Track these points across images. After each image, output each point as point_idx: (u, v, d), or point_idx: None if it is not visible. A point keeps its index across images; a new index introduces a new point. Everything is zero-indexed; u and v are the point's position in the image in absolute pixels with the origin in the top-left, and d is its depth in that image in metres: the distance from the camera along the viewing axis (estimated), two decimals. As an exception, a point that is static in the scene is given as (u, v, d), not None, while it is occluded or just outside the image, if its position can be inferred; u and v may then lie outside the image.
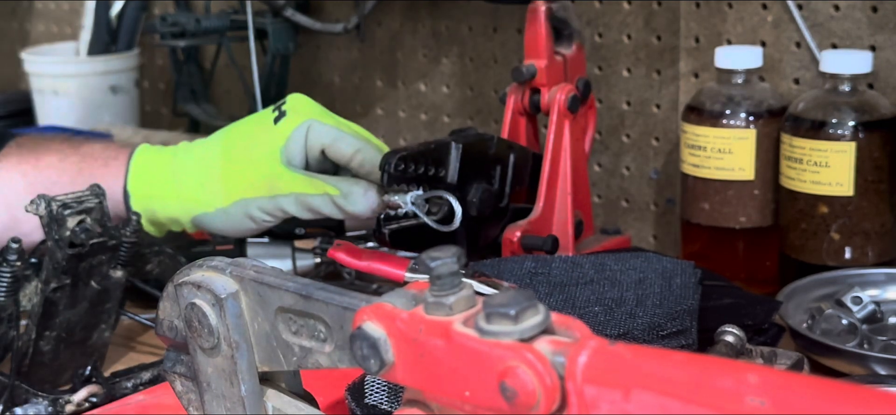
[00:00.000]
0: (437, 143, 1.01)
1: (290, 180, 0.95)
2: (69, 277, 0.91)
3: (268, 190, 0.96)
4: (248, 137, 0.98)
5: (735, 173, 1.15)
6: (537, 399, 0.50)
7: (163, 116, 1.83)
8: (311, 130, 0.97)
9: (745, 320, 0.93)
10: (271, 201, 0.96)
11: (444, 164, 1.00)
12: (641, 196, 1.35)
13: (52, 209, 0.88)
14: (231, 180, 0.97)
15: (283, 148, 0.96)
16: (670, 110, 1.31)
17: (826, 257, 1.11)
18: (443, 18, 1.48)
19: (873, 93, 1.13)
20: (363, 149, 0.97)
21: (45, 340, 0.92)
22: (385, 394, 0.79)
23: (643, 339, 0.83)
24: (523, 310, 0.52)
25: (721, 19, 1.25)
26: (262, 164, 0.96)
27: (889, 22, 1.16)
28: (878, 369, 0.92)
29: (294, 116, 0.97)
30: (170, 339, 0.69)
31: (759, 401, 0.45)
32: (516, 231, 1.06)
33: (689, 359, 0.48)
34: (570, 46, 1.14)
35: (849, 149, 1.08)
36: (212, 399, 0.67)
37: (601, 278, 0.92)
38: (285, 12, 1.48)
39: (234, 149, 0.98)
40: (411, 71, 1.52)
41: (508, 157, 1.07)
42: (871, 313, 1.01)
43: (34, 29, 1.99)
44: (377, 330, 0.56)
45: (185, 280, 0.66)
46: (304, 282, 0.63)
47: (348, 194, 0.95)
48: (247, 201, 0.96)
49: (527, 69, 1.11)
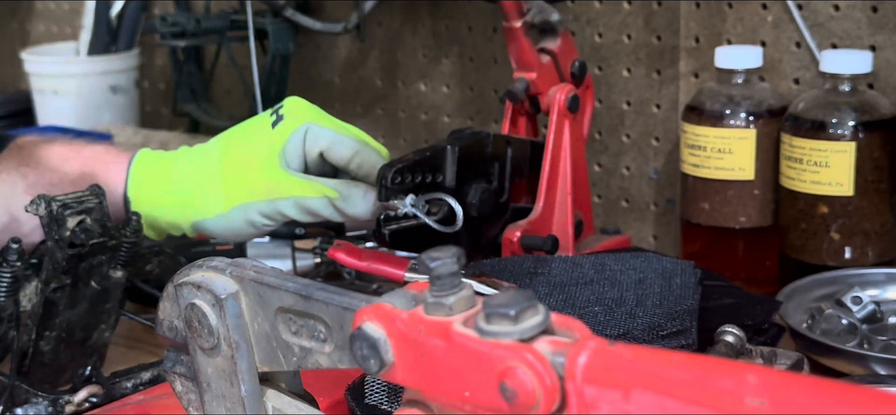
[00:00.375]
0: (432, 148, 1.01)
1: (289, 184, 0.95)
2: (69, 278, 0.91)
3: (266, 194, 0.96)
4: (246, 142, 0.98)
5: (735, 173, 1.15)
6: (537, 400, 0.50)
7: (163, 116, 1.83)
8: (309, 133, 0.97)
9: (745, 319, 0.93)
10: (270, 205, 0.96)
11: (441, 169, 1.00)
12: (641, 196, 1.35)
13: (52, 209, 0.88)
14: (230, 186, 0.97)
15: (282, 152, 0.96)
16: (670, 110, 1.31)
17: (826, 257, 1.11)
18: (443, 18, 1.48)
19: (873, 93, 1.13)
20: (361, 151, 0.97)
21: (45, 340, 0.92)
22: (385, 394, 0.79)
23: (643, 339, 0.83)
24: (523, 310, 0.52)
25: (721, 19, 1.25)
26: (261, 168, 0.96)
27: (889, 22, 1.16)
28: (878, 369, 0.92)
29: (291, 119, 0.97)
30: (170, 339, 0.69)
31: (759, 401, 0.45)
32: (516, 231, 1.06)
33: (688, 359, 0.48)
34: (555, 39, 1.14)
35: (849, 149, 1.08)
36: (212, 399, 0.67)
37: (601, 278, 0.92)
38: (285, 12, 1.48)
39: (232, 154, 0.98)
40: (411, 71, 1.52)
41: (506, 152, 1.07)
42: (871, 313, 1.01)
43: (34, 29, 2.00)
44: (377, 330, 0.56)
45: (185, 280, 0.66)
46: (304, 282, 0.63)
47: (347, 197, 0.95)
48: (246, 206, 0.96)
49: (520, 85, 1.11)
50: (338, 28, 1.47)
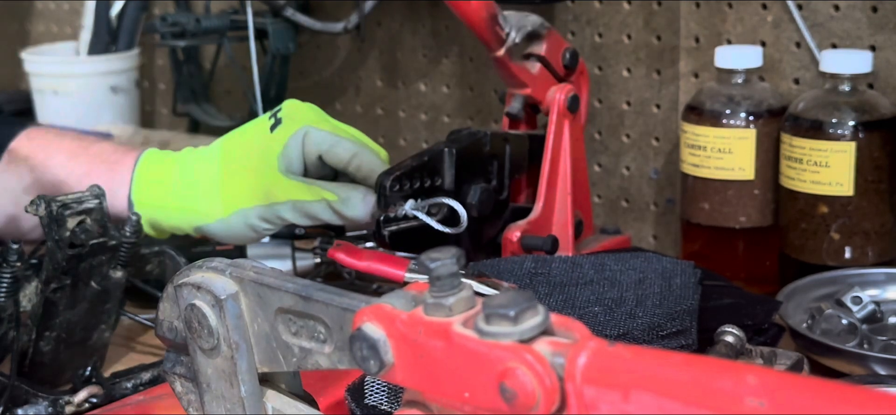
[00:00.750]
0: (429, 152, 1.01)
1: (288, 188, 0.95)
2: (69, 278, 0.91)
3: (265, 198, 0.96)
4: (245, 147, 0.98)
5: (735, 173, 1.15)
6: (537, 400, 0.50)
7: (163, 116, 1.83)
8: (308, 137, 0.97)
9: (745, 319, 0.93)
10: (269, 210, 0.96)
11: (440, 172, 1.00)
12: (641, 196, 1.35)
13: (52, 210, 0.88)
14: (229, 191, 0.97)
15: (280, 155, 0.96)
16: (670, 110, 1.31)
17: (826, 257, 1.11)
18: (443, 18, 1.48)
19: (873, 93, 1.13)
20: (360, 153, 0.97)
21: (45, 340, 0.92)
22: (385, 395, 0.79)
23: (643, 339, 0.83)
24: (523, 311, 0.52)
25: (721, 19, 1.25)
26: (259, 173, 0.96)
27: (889, 22, 1.16)
28: (878, 369, 0.92)
29: (290, 122, 0.97)
30: (170, 340, 0.69)
31: (759, 402, 0.45)
32: (516, 231, 1.06)
33: (688, 360, 0.48)
34: (541, 43, 1.12)
35: (849, 149, 1.08)
36: (212, 400, 0.67)
37: (601, 279, 0.92)
38: (285, 12, 1.48)
39: (232, 159, 0.98)
40: (411, 71, 1.52)
41: (504, 149, 1.07)
42: (871, 313, 1.01)
43: (34, 29, 1.99)
44: (377, 331, 0.56)
45: (184, 281, 0.66)
46: (304, 283, 0.63)
47: (346, 200, 0.95)
48: (246, 211, 0.97)
49: (516, 103, 1.11)
50: (338, 28, 1.47)
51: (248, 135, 0.99)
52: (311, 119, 0.98)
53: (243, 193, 0.97)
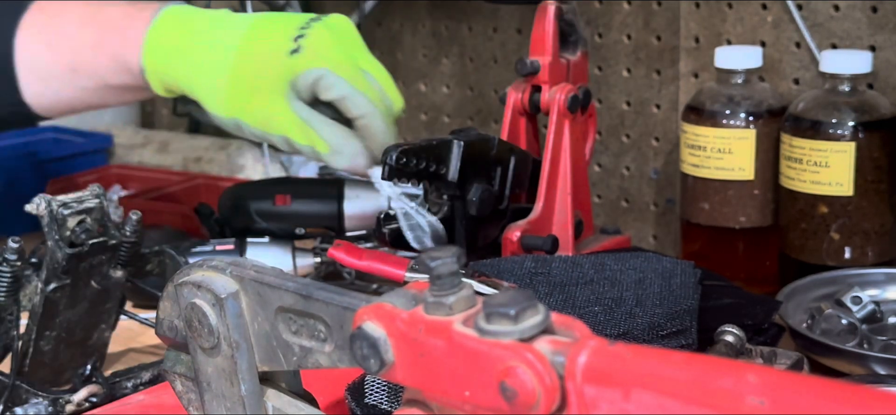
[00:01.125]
0: (439, 140, 1.01)
1: (286, 122, 0.96)
2: (69, 278, 0.90)
3: (263, 123, 0.97)
4: (263, 56, 0.98)
5: (735, 173, 1.15)
6: (537, 399, 0.50)
7: (163, 116, 1.83)
8: (323, 80, 0.97)
9: (745, 319, 0.93)
10: (263, 134, 0.98)
11: (446, 161, 1.00)
12: (641, 196, 1.35)
13: (52, 209, 0.88)
14: (233, 98, 0.98)
15: (291, 82, 0.96)
16: (670, 110, 1.31)
17: (826, 257, 1.11)
18: (443, 18, 1.48)
19: (873, 93, 1.13)
20: (369, 114, 0.97)
21: (45, 340, 0.92)
22: (385, 394, 0.79)
23: (643, 339, 0.83)
24: (523, 310, 0.52)
25: (721, 19, 1.25)
26: (265, 96, 0.97)
27: (889, 22, 1.16)
28: (878, 369, 0.92)
29: (310, 55, 0.97)
30: (170, 339, 0.69)
31: (759, 401, 0.45)
32: (516, 231, 1.06)
33: (688, 359, 0.48)
34: (575, 52, 1.14)
35: (848, 149, 1.08)
36: (212, 399, 0.67)
37: (601, 278, 0.92)
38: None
39: (245, 66, 0.98)
40: (411, 71, 1.52)
41: (509, 159, 1.07)
42: (871, 313, 1.01)
43: (34, 29, 1.99)
44: (377, 330, 0.56)
45: (185, 280, 0.66)
46: (304, 282, 0.63)
47: (338, 152, 0.96)
48: (241, 123, 0.98)
49: (531, 63, 1.11)
50: (338, 28, 1.46)
51: (268, 43, 0.98)
52: (332, 59, 0.97)
53: (245, 107, 0.98)
